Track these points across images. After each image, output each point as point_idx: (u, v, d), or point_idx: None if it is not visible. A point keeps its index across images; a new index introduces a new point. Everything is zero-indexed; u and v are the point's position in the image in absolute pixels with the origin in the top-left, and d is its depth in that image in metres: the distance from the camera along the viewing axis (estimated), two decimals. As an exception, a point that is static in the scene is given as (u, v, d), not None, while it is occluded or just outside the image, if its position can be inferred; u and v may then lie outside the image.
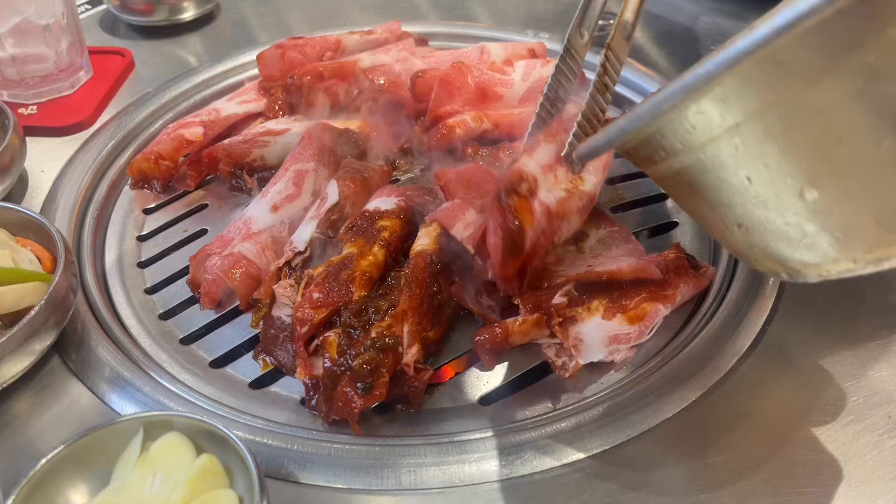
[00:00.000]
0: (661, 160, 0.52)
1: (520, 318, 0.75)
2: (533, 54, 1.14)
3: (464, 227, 0.78)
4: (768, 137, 0.44)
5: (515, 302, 0.76)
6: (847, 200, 0.45)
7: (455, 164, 0.97)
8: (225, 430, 0.59)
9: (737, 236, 0.52)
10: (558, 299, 0.75)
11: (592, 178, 0.86)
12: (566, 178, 0.84)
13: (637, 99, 1.11)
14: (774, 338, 0.76)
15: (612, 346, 0.75)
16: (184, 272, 0.89)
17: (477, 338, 0.75)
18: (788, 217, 0.47)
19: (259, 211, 0.89)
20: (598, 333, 0.75)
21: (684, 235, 0.92)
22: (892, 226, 0.45)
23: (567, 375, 0.75)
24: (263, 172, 1.00)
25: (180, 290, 0.88)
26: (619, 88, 1.11)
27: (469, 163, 0.98)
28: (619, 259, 0.83)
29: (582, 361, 0.74)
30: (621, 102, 1.12)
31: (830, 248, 0.47)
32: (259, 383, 0.78)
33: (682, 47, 1.23)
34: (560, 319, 0.74)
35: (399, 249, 0.82)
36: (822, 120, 0.42)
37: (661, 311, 0.78)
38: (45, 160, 1.03)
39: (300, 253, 0.81)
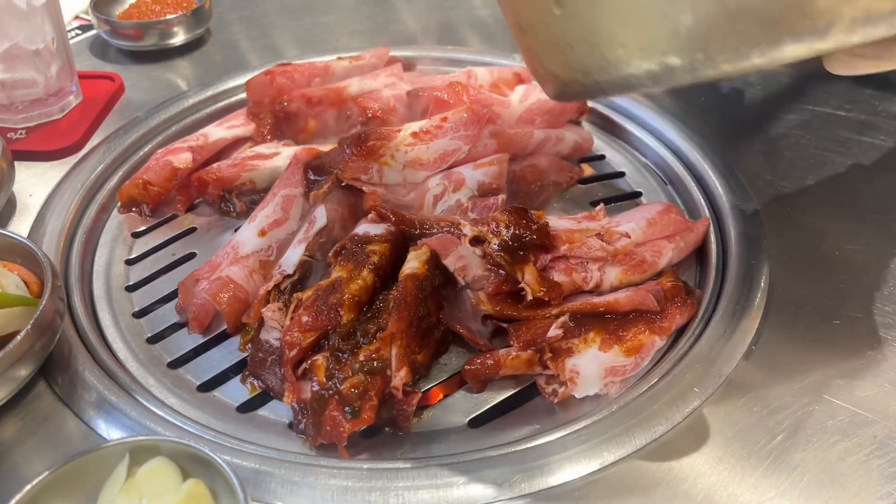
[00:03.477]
0: None
1: (513, 353, 0.74)
2: (518, 78, 1.15)
3: (456, 260, 0.78)
4: None
5: (510, 340, 0.75)
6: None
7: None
8: (212, 454, 0.59)
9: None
10: (553, 332, 0.74)
11: (631, 226, 0.87)
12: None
13: (632, 128, 1.12)
14: (760, 358, 0.77)
15: (608, 378, 0.75)
16: (172, 296, 0.89)
17: (467, 367, 0.75)
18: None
19: (247, 235, 0.89)
20: (594, 366, 0.75)
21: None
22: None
23: (556, 401, 0.75)
24: (252, 196, 1.00)
25: (168, 314, 0.88)
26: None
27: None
28: (617, 290, 0.83)
29: (578, 395, 0.74)
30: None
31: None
32: (247, 407, 0.77)
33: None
34: (551, 355, 0.74)
35: (388, 273, 0.82)
36: None
37: (657, 343, 0.78)
38: (33, 184, 1.03)
39: (289, 276, 0.82)
